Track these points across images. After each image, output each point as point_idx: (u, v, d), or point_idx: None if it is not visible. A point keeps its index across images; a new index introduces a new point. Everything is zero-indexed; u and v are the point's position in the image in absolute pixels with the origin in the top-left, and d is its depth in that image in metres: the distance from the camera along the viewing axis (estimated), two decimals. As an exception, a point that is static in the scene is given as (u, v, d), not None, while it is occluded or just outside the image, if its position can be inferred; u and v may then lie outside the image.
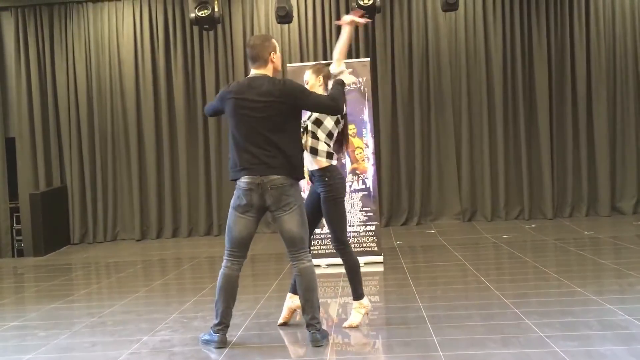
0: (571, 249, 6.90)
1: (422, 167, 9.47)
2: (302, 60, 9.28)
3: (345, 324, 4.23)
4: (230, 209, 3.91)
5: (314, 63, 5.08)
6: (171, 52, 9.69)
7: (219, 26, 9.23)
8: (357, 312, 4.24)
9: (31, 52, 9.72)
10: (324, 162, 4.09)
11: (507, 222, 9.19)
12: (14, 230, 9.91)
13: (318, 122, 4.10)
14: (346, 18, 4.10)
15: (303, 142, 4.04)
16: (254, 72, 3.92)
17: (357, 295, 4.23)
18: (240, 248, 3.91)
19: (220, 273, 3.92)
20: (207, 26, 8.53)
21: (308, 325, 3.86)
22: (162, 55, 9.66)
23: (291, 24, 9.17)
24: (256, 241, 4.40)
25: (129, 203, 9.76)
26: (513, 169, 9.44)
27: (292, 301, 4.31)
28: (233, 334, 4.19)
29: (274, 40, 3.98)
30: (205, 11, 8.29)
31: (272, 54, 3.90)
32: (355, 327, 4.19)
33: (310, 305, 3.85)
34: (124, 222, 9.82)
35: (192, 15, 8.35)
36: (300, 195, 3.97)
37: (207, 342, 3.96)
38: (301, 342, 3.99)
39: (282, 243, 3.95)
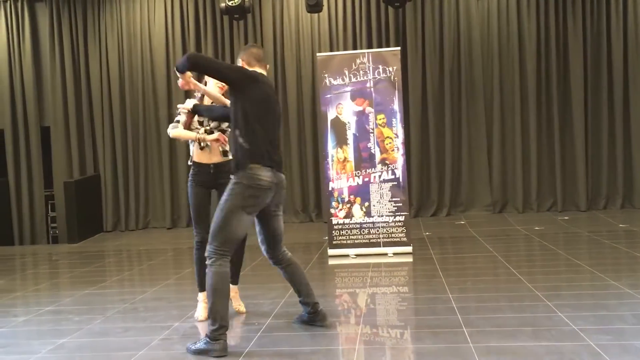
0: (605, 242, 6.76)
1: (453, 158, 9.37)
2: (331, 50, 9.24)
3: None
4: (236, 209, 3.59)
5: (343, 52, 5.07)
6: (202, 41, 9.74)
7: (249, 16, 9.23)
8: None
9: (65, 43, 9.88)
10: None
11: (539, 214, 9.04)
12: (49, 218, 10.15)
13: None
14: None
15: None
16: (261, 70, 3.94)
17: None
18: (234, 246, 3.69)
19: (211, 273, 3.56)
20: (237, 16, 8.54)
21: (316, 304, 4.02)
22: (193, 45, 9.71)
23: (321, 13, 9.13)
24: (285, 230, 4.38)
25: (160, 192, 9.88)
26: (546, 159, 9.27)
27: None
28: (262, 322, 4.22)
29: None
30: (236, 0, 8.30)
31: None
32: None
33: (310, 288, 4.04)
34: (155, 210, 9.95)
35: (223, 4, 8.37)
36: None
37: (202, 352, 3.53)
38: (330, 331, 4.00)
39: (309, 233, 3.98)
